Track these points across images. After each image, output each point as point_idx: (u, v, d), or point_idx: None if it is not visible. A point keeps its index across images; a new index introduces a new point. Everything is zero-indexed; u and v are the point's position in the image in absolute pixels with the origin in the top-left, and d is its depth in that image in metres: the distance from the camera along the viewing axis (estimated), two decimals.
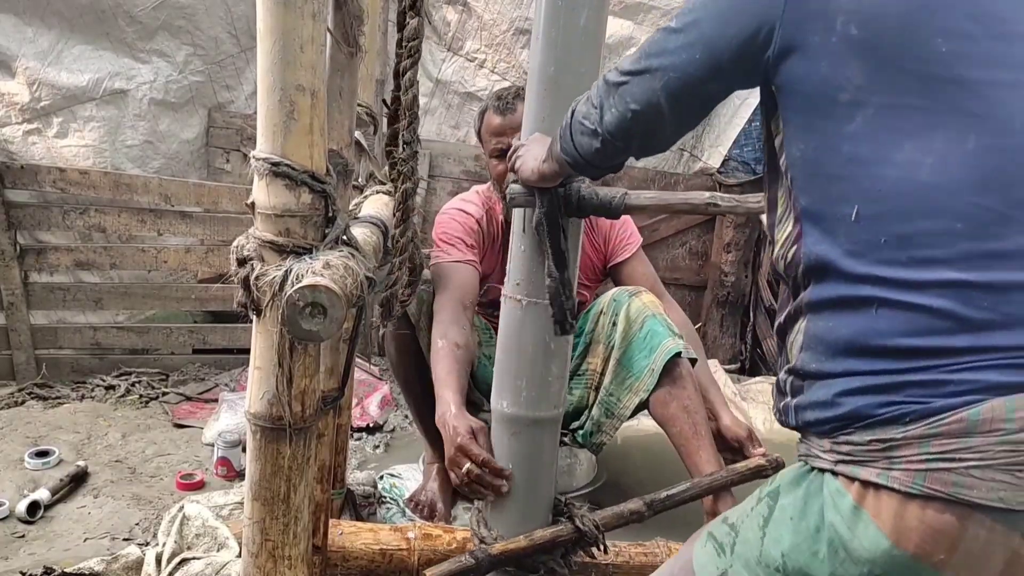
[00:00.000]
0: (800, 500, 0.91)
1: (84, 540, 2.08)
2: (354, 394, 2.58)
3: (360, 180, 1.85)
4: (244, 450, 1.56)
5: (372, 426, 3.05)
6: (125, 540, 2.09)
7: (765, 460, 1.82)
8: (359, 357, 3.45)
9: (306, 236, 1.07)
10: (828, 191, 0.89)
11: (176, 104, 3.61)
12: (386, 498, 2.36)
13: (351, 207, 1.70)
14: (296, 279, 1.00)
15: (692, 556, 1.05)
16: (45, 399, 3.12)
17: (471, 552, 1.59)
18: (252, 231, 1.08)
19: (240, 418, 2.71)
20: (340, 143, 1.57)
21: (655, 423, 2.13)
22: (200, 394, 3.30)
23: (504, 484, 1.60)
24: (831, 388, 0.86)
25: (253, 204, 1.07)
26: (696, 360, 2.13)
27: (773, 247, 1.01)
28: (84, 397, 3.19)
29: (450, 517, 2.27)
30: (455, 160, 4.00)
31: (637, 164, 4.01)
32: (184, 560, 1.72)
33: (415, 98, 1.58)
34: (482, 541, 1.63)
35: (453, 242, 2.19)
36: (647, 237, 3.59)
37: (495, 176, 2.21)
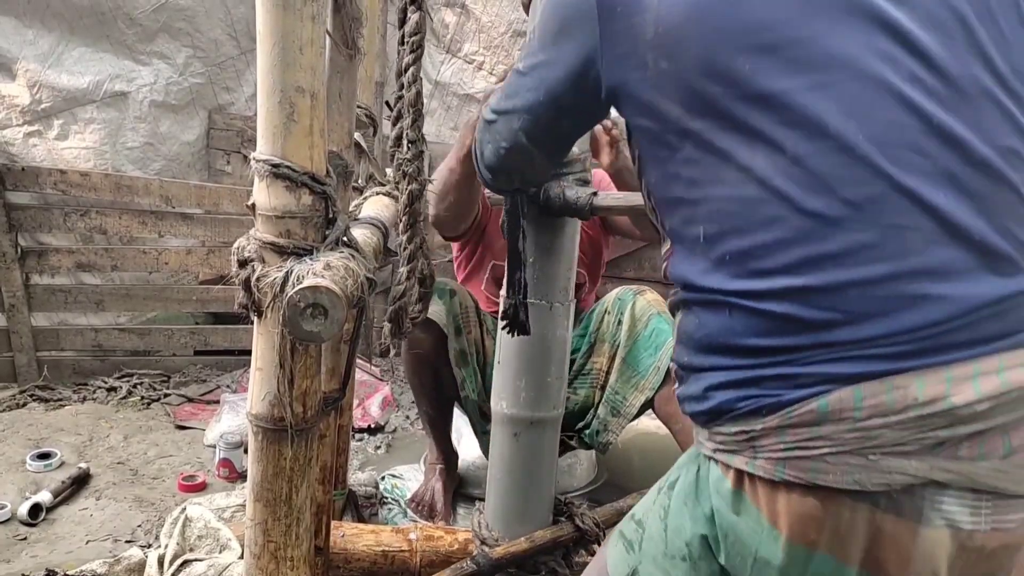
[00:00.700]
0: (691, 485, 0.95)
1: (86, 542, 2.08)
2: (355, 395, 2.59)
3: (360, 181, 1.85)
4: (246, 451, 1.57)
5: (373, 427, 3.05)
6: (127, 542, 2.09)
7: None
8: (360, 358, 3.46)
9: (307, 237, 1.07)
10: (680, 215, 0.93)
11: (176, 106, 3.62)
12: (388, 499, 2.36)
13: (351, 208, 1.70)
14: (297, 280, 1.00)
15: (606, 557, 1.07)
16: (47, 401, 3.13)
17: (472, 557, 1.59)
18: (253, 232, 1.08)
19: (242, 419, 2.72)
20: (340, 145, 1.57)
21: (655, 422, 2.13)
22: (201, 395, 3.31)
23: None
24: (701, 382, 0.91)
25: (254, 205, 1.07)
26: None
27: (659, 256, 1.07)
28: (86, 399, 3.19)
29: (450, 516, 2.27)
30: None
31: None
32: (186, 562, 1.73)
33: (419, 95, 1.55)
34: (483, 542, 1.63)
35: None
36: (647, 236, 3.58)
37: None
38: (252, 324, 1.10)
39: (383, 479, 2.47)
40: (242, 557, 1.59)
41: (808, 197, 0.81)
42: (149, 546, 1.99)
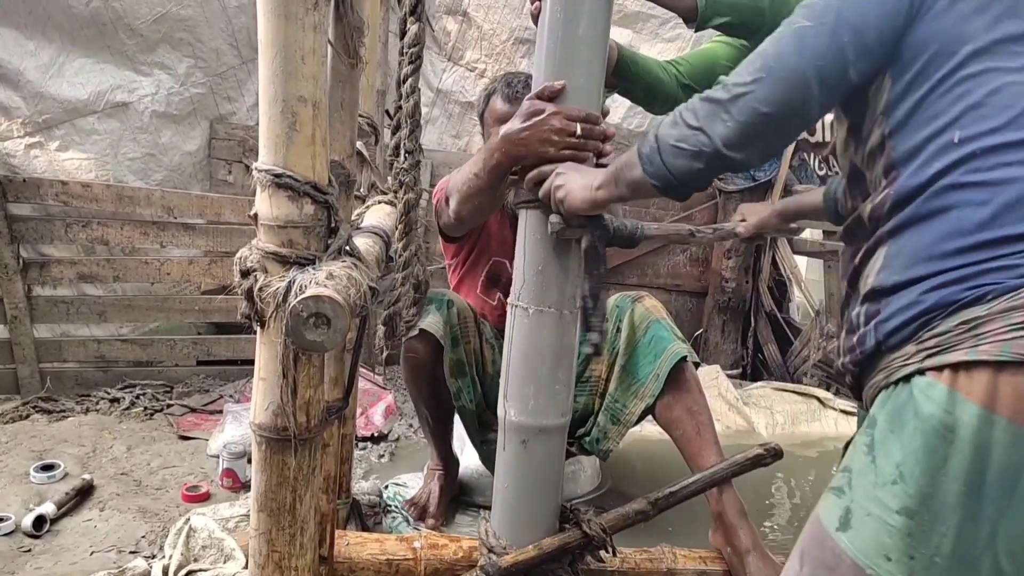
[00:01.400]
0: (894, 413, 0.99)
1: (91, 554, 2.08)
2: (358, 404, 2.59)
3: (362, 190, 1.85)
4: (249, 461, 1.57)
5: (377, 435, 3.05)
6: (132, 553, 2.08)
7: (763, 449, 1.82)
8: (363, 367, 3.45)
9: (309, 247, 1.07)
10: (931, 127, 1.03)
11: (178, 116, 3.63)
12: (391, 507, 2.36)
13: (353, 217, 1.70)
14: (299, 290, 1.00)
15: (818, 515, 1.09)
16: (50, 412, 3.12)
17: (482, 567, 1.59)
18: (255, 242, 1.08)
19: (245, 429, 2.71)
20: (342, 154, 1.57)
21: (658, 428, 2.12)
22: (204, 406, 3.30)
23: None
24: (915, 291, 1.00)
25: (256, 215, 1.08)
26: (700, 364, 2.13)
27: (860, 207, 1.15)
28: (89, 410, 3.19)
29: (442, 519, 2.30)
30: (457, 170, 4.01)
31: None
32: (191, 572, 1.72)
33: (416, 105, 1.57)
34: (491, 550, 1.63)
35: None
36: (648, 244, 3.59)
37: None
38: (255, 334, 1.10)
39: (387, 488, 2.47)
40: (246, 567, 1.59)
41: None
42: (153, 557, 1.99)
